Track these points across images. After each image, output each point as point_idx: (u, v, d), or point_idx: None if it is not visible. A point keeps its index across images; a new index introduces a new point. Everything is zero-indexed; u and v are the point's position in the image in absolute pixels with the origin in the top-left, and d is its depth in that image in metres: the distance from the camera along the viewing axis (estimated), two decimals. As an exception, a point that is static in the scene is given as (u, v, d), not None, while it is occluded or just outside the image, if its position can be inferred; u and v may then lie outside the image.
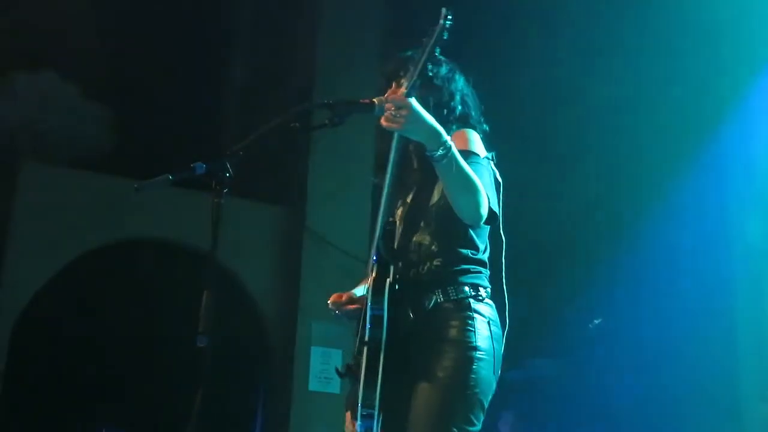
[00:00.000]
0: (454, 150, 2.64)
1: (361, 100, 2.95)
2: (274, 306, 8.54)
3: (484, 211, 2.71)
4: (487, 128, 3.04)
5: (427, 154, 2.66)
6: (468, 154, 2.80)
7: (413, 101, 2.63)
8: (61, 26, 8.22)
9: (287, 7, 9.38)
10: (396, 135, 2.80)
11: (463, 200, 2.70)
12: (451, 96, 2.99)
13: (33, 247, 7.77)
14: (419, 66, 2.71)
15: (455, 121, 2.96)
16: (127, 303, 8.08)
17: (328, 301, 3.03)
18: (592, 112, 7.57)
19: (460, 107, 3.00)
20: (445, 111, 2.96)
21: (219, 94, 9.83)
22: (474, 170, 2.73)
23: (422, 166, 2.96)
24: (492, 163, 2.91)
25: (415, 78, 2.71)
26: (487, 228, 2.91)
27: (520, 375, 6.86)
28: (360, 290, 3.04)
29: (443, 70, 3.02)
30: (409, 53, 3.03)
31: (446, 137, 2.63)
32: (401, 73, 3.00)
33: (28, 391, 7.89)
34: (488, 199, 2.73)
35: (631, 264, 7.58)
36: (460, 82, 3.05)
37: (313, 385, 8.02)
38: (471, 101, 3.05)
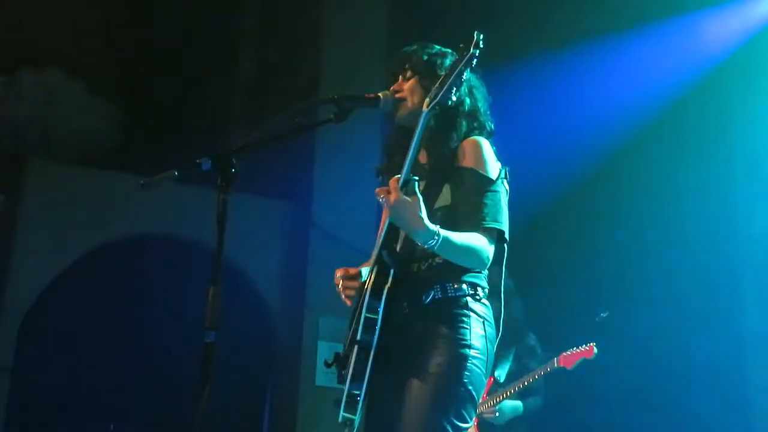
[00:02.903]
0: (444, 237, 2.65)
1: (366, 95, 2.95)
2: (280, 301, 8.55)
3: (488, 260, 2.77)
4: (493, 126, 3.01)
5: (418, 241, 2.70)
6: (484, 182, 2.81)
7: (401, 197, 2.64)
8: (67, 23, 8.23)
9: (293, 4, 9.38)
10: (415, 137, 2.76)
11: (463, 264, 2.79)
12: (457, 87, 2.94)
13: (40, 245, 7.79)
14: (444, 88, 2.72)
15: (464, 117, 2.93)
16: (133, 299, 8.10)
17: (337, 275, 3.02)
18: (597, 106, 7.56)
19: (468, 100, 2.96)
20: (451, 103, 2.91)
21: (225, 91, 9.83)
22: (492, 201, 2.78)
23: (432, 164, 2.95)
24: (505, 181, 2.90)
25: (438, 99, 2.72)
26: None
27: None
28: (365, 271, 3.02)
29: (448, 61, 2.99)
30: (414, 47, 3.03)
31: (433, 229, 2.63)
32: (407, 66, 3.00)
33: (35, 389, 7.90)
34: (503, 230, 2.78)
35: (637, 257, 7.57)
36: (467, 74, 3.01)
37: (321, 380, 8.02)
38: (479, 94, 3.01)
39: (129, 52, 8.78)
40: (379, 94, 2.96)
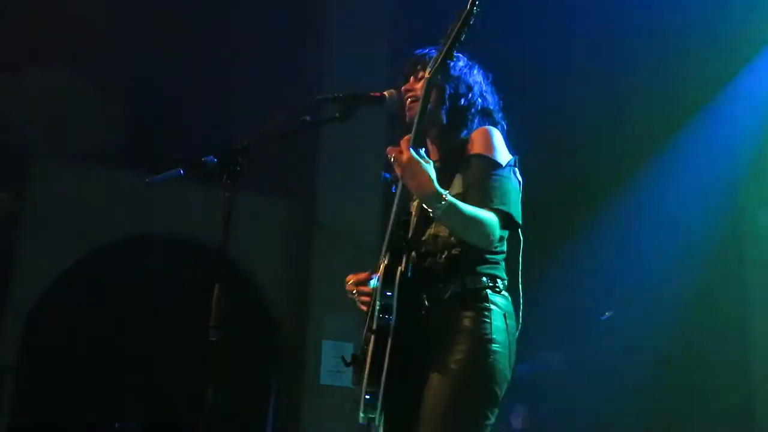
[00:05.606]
0: (452, 202, 2.61)
1: (371, 94, 2.94)
2: (285, 299, 8.56)
3: (494, 238, 2.70)
4: (506, 126, 3.00)
5: (424, 206, 2.67)
6: (492, 166, 2.77)
7: (412, 153, 2.61)
8: (72, 22, 8.23)
9: (298, 4, 9.39)
10: (421, 102, 2.75)
11: (468, 238, 2.72)
12: (469, 88, 2.94)
13: (45, 243, 7.80)
14: (445, 49, 2.71)
15: (477, 114, 2.93)
16: (138, 297, 8.10)
17: (348, 282, 2.99)
18: (600, 102, 7.56)
19: (480, 100, 2.95)
20: (463, 101, 2.91)
21: (230, 90, 9.83)
22: (500, 184, 2.73)
23: (440, 157, 2.94)
24: (516, 169, 2.86)
25: (439, 61, 2.71)
26: None
27: (532, 367, 6.85)
28: (373, 282, 3.01)
29: (461, 62, 2.98)
30: (427, 50, 3.02)
31: (442, 193, 2.60)
32: (419, 67, 2.99)
33: (40, 387, 7.91)
34: (510, 212, 2.73)
35: (643, 255, 7.57)
36: (478, 76, 3.00)
37: (325, 379, 8.04)
38: (490, 97, 3.00)
39: (133, 51, 8.78)
40: (385, 93, 2.95)
